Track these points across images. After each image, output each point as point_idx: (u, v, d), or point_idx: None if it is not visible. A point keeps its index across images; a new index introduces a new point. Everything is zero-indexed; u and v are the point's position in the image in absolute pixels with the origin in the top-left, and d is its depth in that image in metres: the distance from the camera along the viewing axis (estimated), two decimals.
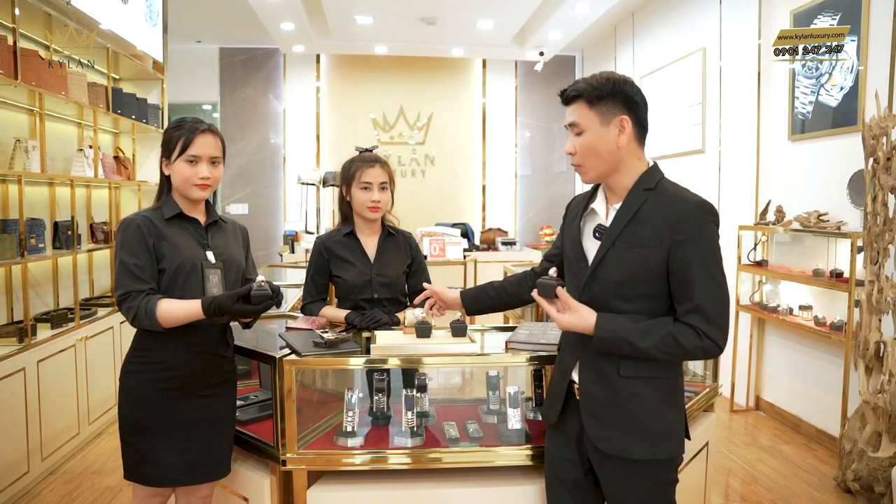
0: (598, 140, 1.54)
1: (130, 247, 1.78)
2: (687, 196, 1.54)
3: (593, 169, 1.58)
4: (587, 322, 1.52)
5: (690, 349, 1.49)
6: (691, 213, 1.49)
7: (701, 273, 1.48)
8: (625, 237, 1.54)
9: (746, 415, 4.37)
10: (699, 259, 1.49)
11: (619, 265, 1.54)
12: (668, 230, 1.49)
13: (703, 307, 1.48)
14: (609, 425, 1.57)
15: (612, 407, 1.57)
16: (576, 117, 1.56)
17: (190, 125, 1.86)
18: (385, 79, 7.66)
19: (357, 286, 2.37)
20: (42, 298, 3.77)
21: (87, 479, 3.29)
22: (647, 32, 6.09)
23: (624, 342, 1.50)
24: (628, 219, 1.54)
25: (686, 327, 1.49)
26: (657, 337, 1.49)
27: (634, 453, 1.56)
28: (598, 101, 1.53)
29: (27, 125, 3.62)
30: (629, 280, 1.53)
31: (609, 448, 1.58)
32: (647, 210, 1.53)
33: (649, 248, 1.51)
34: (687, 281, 1.49)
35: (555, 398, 1.71)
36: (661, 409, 1.58)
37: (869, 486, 2.90)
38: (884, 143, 2.92)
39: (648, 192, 1.56)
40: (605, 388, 1.58)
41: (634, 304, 1.54)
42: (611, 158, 1.56)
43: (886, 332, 2.96)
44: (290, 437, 1.89)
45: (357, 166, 2.37)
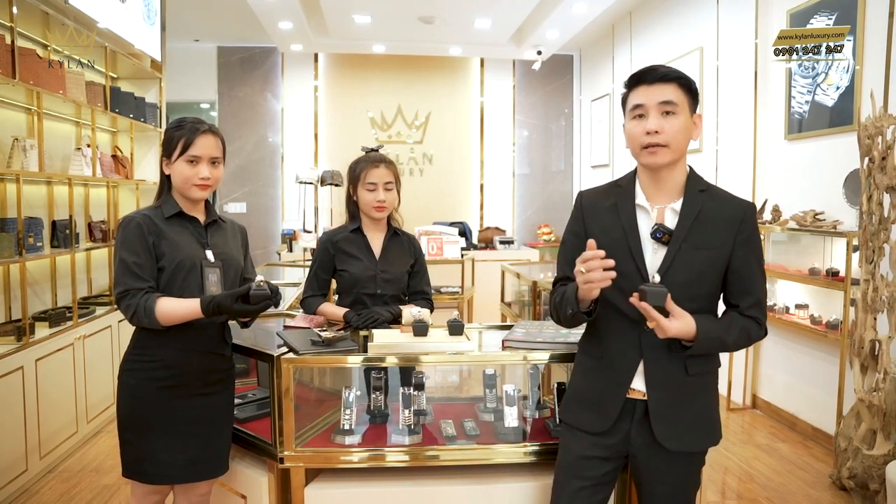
0: (687, 126, 1.56)
1: (130, 245, 1.79)
2: (739, 199, 1.63)
3: (675, 152, 1.56)
4: (691, 327, 1.50)
5: (755, 338, 1.62)
6: (750, 216, 1.59)
7: (758, 270, 1.61)
8: (690, 239, 1.56)
9: (743, 413, 4.38)
10: (756, 257, 1.61)
11: (687, 267, 1.55)
12: (731, 232, 1.56)
13: (761, 301, 1.61)
14: (677, 424, 1.59)
15: (680, 405, 1.60)
16: (673, 97, 1.54)
17: (191, 125, 1.87)
18: (383, 78, 7.66)
19: (361, 280, 2.39)
20: (40, 297, 3.77)
21: (86, 477, 3.29)
22: (645, 32, 6.10)
23: (718, 341, 1.56)
24: (692, 220, 1.56)
25: (750, 320, 1.59)
26: (736, 331, 1.57)
27: (702, 445, 1.65)
28: (690, 91, 1.58)
29: (25, 124, 3.62)
30: (696, 281, 1.56)
31: (677, 446, 1.60)
32: (708, 212, 1.57)
33: (714, 250, 1.56)
34: (749, 278, 1.59)
35: (607, 406, 1.62)
36: (713, 400, 1.68)
37: (864, 484, 2.91)
38: (879, 142, 2.93)
39: (703, 193, 1.60)
40: (672, 388, 1.59)
41: (698, 304, 1.56)
42: (685, 148, 1.59)
43: (881, 331, 2.97)
44: (288, 435, 1.90)
45: (362, 167, 2.40)
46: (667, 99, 1.53)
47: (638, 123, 1.56)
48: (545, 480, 1.92)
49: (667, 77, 1.55)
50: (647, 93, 1.55)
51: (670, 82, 1.55)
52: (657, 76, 1.56)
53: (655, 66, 1.58)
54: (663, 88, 1.54)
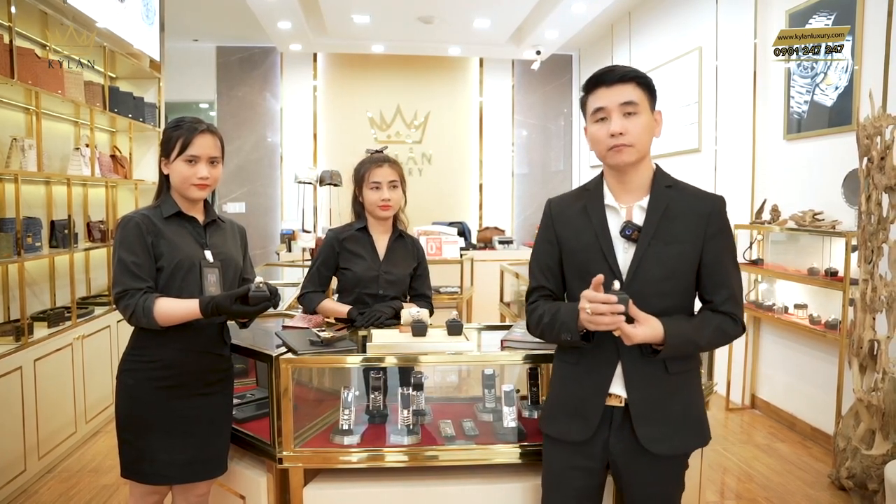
0: (649, 125, 1.57)
1: (129, 244, 1.79)
2: (707, 193, 1.63)
3: (640, 151, 1.56)
4: (658, 331, 1.48)
5: (731, 335, 1.59)
6: (720, 208, 1.59)
7: (731, 263, 1.59)
8: (660, 235, 1.55)
9: (742, 413, 4.39)
10: (729, 250, 1.59)
11: (658, 263, 1.54)
12: (702, 225, 1.55)
13: (736, 295, 1.58)
14: (661, 426, 1.56)
15: (663, 407, 1.57)
16: (633, 97, 1.54)
17: (189, 125, 1.86)
18: (382, 77, 7.66)
19: (364, 280, 2.39)
20: (39, 297, 3.76)
21: (85, 477, 3.29)
22: (644, 31, 6.10)
23: (689, 342, 1.54)
24: (659, 216, 1.56)
25: (724, 316, 1.57)
26: (709, 330, 1.55)
27: (686, 447, 1.62)
28: (649, 89, 1.58)
29: (23, 124, 3.61)
30: (668, 277, 1.55)
31: (662, 449, 1.56)
32: (675, 207, 1.57)
33: (684, 244, 1.55)
34: (721, 272, 1.57)
35: (587, 415, 1.60)
36: (698, 398, 1.65)
37: (863, 484, 2.91)
38: (878, 142, 2.94)
39: (670, 189, 1.60)
40: (653, 389, 1.57)
41: (671, 300, 1.56)
42: (649, 146, 1.59)
43: (880, 331, 2.97)
44: (287, 436, 1.89)
45: (366, 167, 2.41)
46: (628, 99, 1.54)
47: (601, 126, 1.56)
48: None
49: (625, 77, 1.55)
50: (608, 94, 1.55)
51: (629, 82, 1.55)
52: (616, 77, 1.56)
53: (613, 67, 1.57)
54: (623, 89, 1.54)
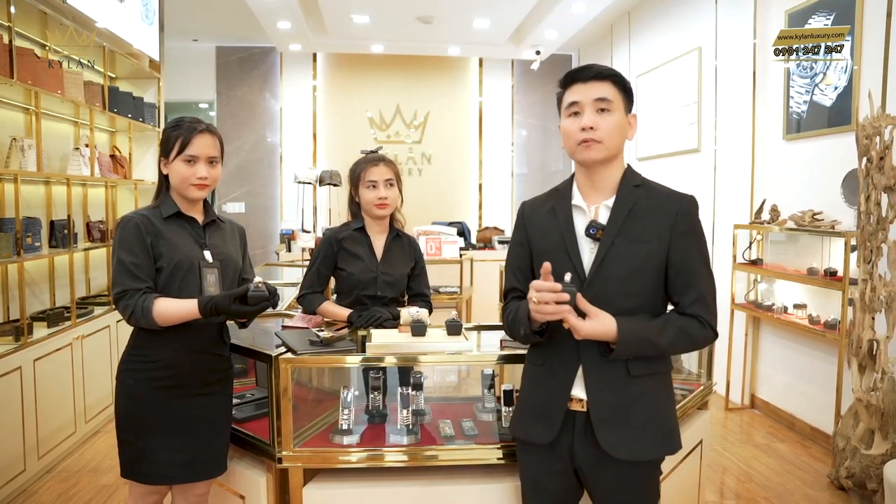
0: (622, 125, 1.56)
1: (128, 245, 1.79)
2: (678, 192, 1.59)
3: (610, 149, 1.55)
4: (608, 328, 1.46)
5: (699, 339, 1.54)
6: (689, 208, 1.55)
7: (700, 264, 1.55)
8: (624, 233, 1.53)
9: (741, 413, 4.39)
10: (699, 251, 1.55)
11: (622, 261, 1.52)
12: (669, 224, 1.52)
13: (705, 297, 1.53)
14: (622, 430, 1.53)
15: (625, 411, 1.53)
16: (608, 94, 1.54)
17: (188, 125, 1.86)
18: (382, 77, 7.66)
19: (362, 282, 2.39)
20: (38, 297, 3.76)
21: (84, 477, 3.29)
22: (643, 32, 6.10)
23: (646, 342, 1.50)
24: (625, 214, 1.54)
25: (692, 319, 1.53)
26: (671, 332, 1.51)
27: (649, 454, 1.56)
28: (625, 90, 1.57)
29: (23, 124, 3.61)
30: (633, 276, 1.52)
31: (626, 454, 1.52)
32: (643, 206, 1.54)
33: (651, 243, 1.52)
34: (689, 272, 1.53)
35: (551, 417, 1.58)
36: (667, 403, 1.60)
37: (862, 483, 2.92)
38: (877, 142, 2.94)
39: (638, 188, 1.57)
40: (614, 392, 1.53)
41: (637, 300, 1.53)
42: (620, 147, 1.58)
43: (879, 331, 2.97)
44: (286, 435, 1.89)
45: (362, 167, 2.41)
46: (602, 96, 1.53)
47: (574, 121, 1.56)
48: None
49: (601, 75, 1.55)
50: (583, 90, 1.55)
51: (605, 80, 1.55)
52: (592, 74, 1.55)
53: (591, 65, 1.57)
54: (598, 86, 1.54)
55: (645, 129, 6.04)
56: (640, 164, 6.14)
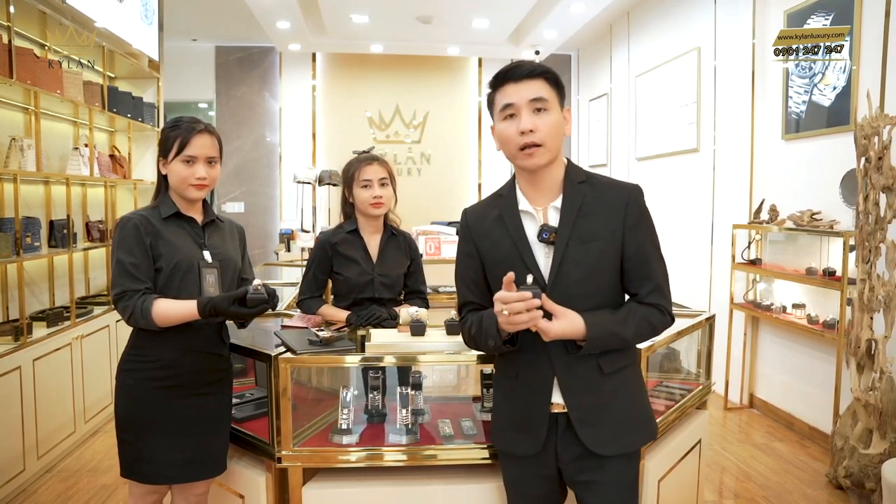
0: (559, 123, 1.51)
1: (127, 245, 1.79)
2: (622, 182, 1.58)
3: (551, 151, 1.50)
4: (577, 325, 1.44)
5: (658, 327, 1.55)
6: (636, 198, 1.54)
7: (654, 253, 1.55)
8: (577, 233, 1.50)
9: (740, 412, 4.39)
10: (650, 240, 1.55)
11: (578, 263, 1.49)
12: (620, 217, 1.51)
13: (661, 286, 1.55)
14: (604, 428, 1.53)
15: (603, 408, 1.54)
16: (543, 93, 1.48)
17: (187, 125, 1.86)
18: (381, 77, 7.66)
19: (359, 285, 2.39)
20: (38, 297, 3.76)
21: (83, 477, 3.29)
22: (643, 31, 6.10)
23: (612, 336, 1.49)
24: (575, 214, 1.50)
25: (651, 308, 1.53)
26: (634, 322, 1.51)
27: (634, 444, 1.59)
28: (558, 86, 1.53)
29: (22, 123, 3.62)
30: (591, 275, 1.50)
31: (609, 450, 1.53)
32: (591, 203, 1.52)
33: (603, 241, 1.50)
34: (645, 263, 1.53)
35: (535, 429, 1.56)
36: (639, 394, 1.63)
37: (860, 483, 2.92)
38: (875, 142, 2.94)
39: (583, 184, 1.54)
40: (591, 392, 1.53)
41: (598, 298, 1.52)
42: (561, 145, 1.54)
43: (878, 330, 2.98)
44: (286, 435, 1.90)
45: (355, 166, 2.40)
46: (537, 95, 1.47)
47: (511, 123, 1.49)
48: None
49: (533, 73, 1.49)
50: (517, 90, 1.48)
51: (537, 78, 1.49)
52: (524, 72, 1.49)
53: (521, 63, 1.50)
54: (532, 85, 1.48)
55: (644, 129, 6.04)
56: (638, 163, 6.15)
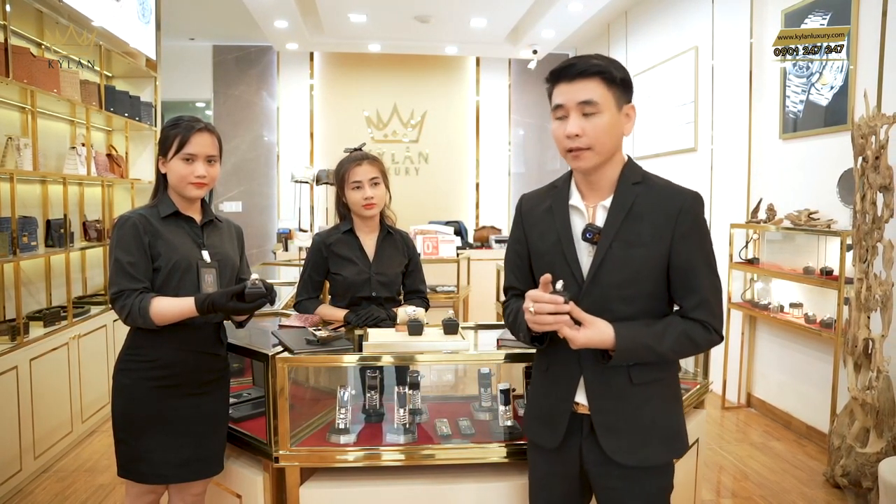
0: (614, 124, 1.43)
1: (125, 245, 1.78)
2: (680, 188, 1.49)
3: (602, 154, 1.44)
4: (605, 335, 1.40)
5: (702, 344, 1.47)
6: (691, 206, 1.45)
7: (704, 266, 1.46)
8: (622, 236, 1.44)
9: (738, 411, 4.40)
10: (702, 252, 1.46)
11: (620, 266, 1.44)
12: (670, 224, 1.43)
13: (709, 300, 1.45)
14: (627, 436, 1.49)
15: (628, 418, 1.49)
16: (595, 95, 1.40)
17: (186, 123, 1.86)
18: (379, 77, 7.66)
19: (356, 284, 2.38)
20: (34, 297, 3.76)
21: (80, 477, 3.29)
22: (640, 31, 6.11)
23: (644, 349, 1.43)
24: (623, 216, 1.45)
25: (695, 323, 1.45)
26: (672, 337, 1.44)
27: (656, 459, 1.51)
28: (617, 83, 1.43)
29: (19, 123, 3.61)
30: (631, 281, 1.44)
31: (629, 460, 1.49)
32: (642, 205, 1.45)
33: (649, 246, 1.43)
34: (692, 275, 1.45)
35: (556, 422, 1.55)
36: (672, 408, 1.55)
37: (857, 482, 2.93)
38: (872, 141, 2.95)
39: (637, 185, 1.47)
40: (618, 400, 1.49)
41: (637, 306, 1.46)
42: (615, 146, 1.47)
43: (875, 330, 2.99)
44: (283, 435, 1.89)
45: (345, 167, 2.39)
46: (586, 98, 1.40)
47: (560, 125, 1.45)
48: None
49: (586, 73, 1.41)
50: (568, 91, 1.42)
51: (591, 78, 1.41)
52: (576, 72, 1.41)
53: (576, 60, 1.43)
54: (584, 86, 1.41)
55: (642, 128, 6.04)
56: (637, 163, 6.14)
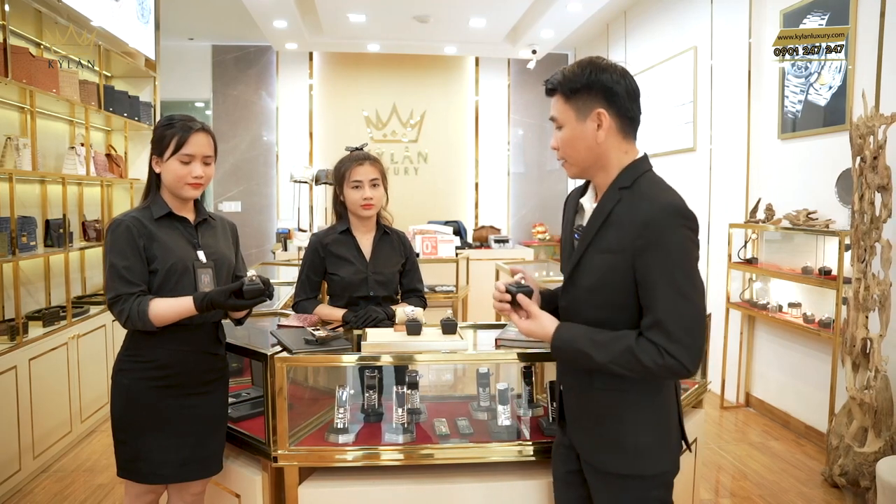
0: (576, 136, 1.44)
1: (120, 248, 1.77)
2: (659, 196, 1.39)
3: (576, 165, 1.48)
4: (546, 330, 1.48)
5: (652, 367, 1.34)
6: (656, 217, 1.35)
7: (664, 284, 1.34)
8: (597, 241, 1.44)
9: (736, 411, 4.40)
10: (663, 268, 1.34)
11: (590, 271, 1.44)
12: (632, 235, 1.36)
13: (664, 323, 1.33)
14: (588, 435, 1.52)
15: (590, 418, 1.52)
16: (554, 111, 1.47)
17: (183, 123, 1.85)
18: (378, 76, 7.66)
19: (353, 284, 2.38)
20: (34, 296, 3.76)
21: (80, 476, 3.29)
22: (639, 31, 6.11)
23: (579, 353, 1.42)
24: (601, 221, 1.43)
25: (647, 343, 1.35)
26: (615, 351, 1.37)
27: (611, 467, 1.48)
28: (573, 94, 1.43)
29: (18, 123, 3.61)
30: (599, 288, 1.43)
31: (590, 459, 1.53)
32: (619, 211, 1.41)
33: (615, 255, 1.39)
34: (649, 291, 1.36)
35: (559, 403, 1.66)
36: (641, 422, 1.46)
37: (855, 481, 2.93)
38: (871, 141, 2.95)
39: (623, 190, 1.43)
40: (580, 399, 1.53)
41: (607, 314, 1.44)
42: (591, 155, 1.45)
43: (873, 329, 2.99)
44: (282, 434, 1.90)
45: (347, 166, 2.39)
46: (551, 115, 1.49)
47: None
48: (539, 479, 1.93)
49: (549, 91, 1.49)
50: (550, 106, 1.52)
51: (553, 94, 1.48)
52: (546, 90, 1.50)
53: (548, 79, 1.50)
54: (552, 102, 1.49)
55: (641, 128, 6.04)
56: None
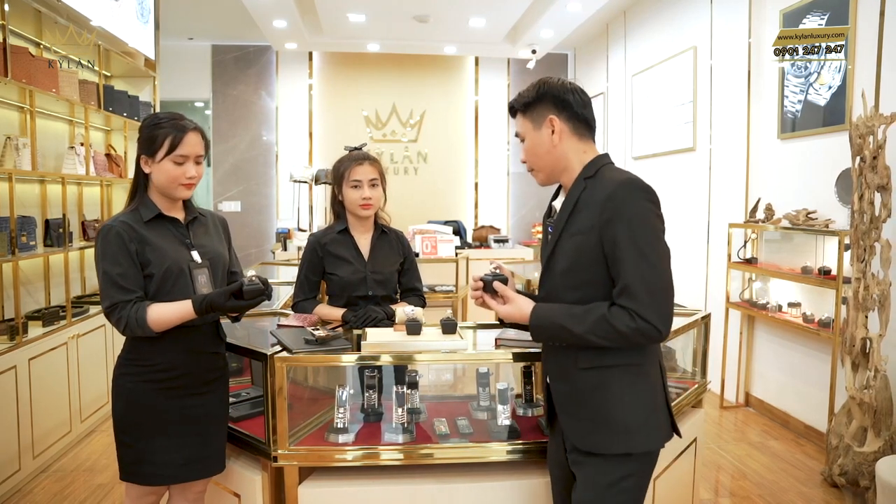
0: (535, 144, 1.63)
1: (112, 255, 1.73)
2: (619, 176, 1.53)
3: (541, 171, 1.66)
4: (523, 311, 1.58)
5: (626, 332, 1.44)
6: (616, 191, 1.49)
7: (629, 251, 1.45)
8: (568, 226, 1.57)
9: (736, 411, 4.41)
10: (627, 236, 1.46)
11: (564, 255, 1.57)
12: (597, 211, 1.50)
13: (632, 287, 1.44)
14: (580, 420, 1.56)
15: (578, 402, 1.56)
16: (517, 128, 1.67)
17: (175, 123, 1.80)
18: (378, 76, 7.66)
19: (352, 283, 2.38)
20: (33, 296, 3.76)
21: (80, 476, 3.29)
22: (639, 31, 6.11)
23: (558, 328, 1.51)
24: (570, 209, 1.57)
25: (619, 309, 1.45)
26: (591, 321, 1.47)
27: (601, 447, 1.53)
28: (527, 108, 1.63)
29: (18, 122, 3.61)
30: (572, 268, 1.55)
31: (584, 444, 1.55)
32: (585, 197, 1.55)
33: (585, 234, 1.52)
34: (617, 261, 1.47)
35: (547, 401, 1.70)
36: (629, 398, 1.53)
37: (854, 481, 2.93)
38: (870, 141, 2.95)
39: (588, 179, 1.57)
40: (567, 382, 1.59)
41: (582, 292, 1.54)
42: (551, 158, 1.62)
43: (872, 329, 2.99)
44: (282, 434, 1.90)
45: (346, 165, 2.39)
46: (516, 131, 1.69)
47: None
48: (538, 478, 1.94)
49: (512, 111, 1.68)
50: None
51: (515, 115, 1.67)
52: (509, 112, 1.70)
53: None
54: (516, 121, 1.68)
55: (640, 128, 6.05)
56: (635, 162, 6.15)
